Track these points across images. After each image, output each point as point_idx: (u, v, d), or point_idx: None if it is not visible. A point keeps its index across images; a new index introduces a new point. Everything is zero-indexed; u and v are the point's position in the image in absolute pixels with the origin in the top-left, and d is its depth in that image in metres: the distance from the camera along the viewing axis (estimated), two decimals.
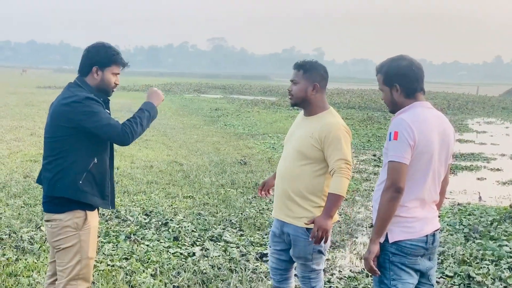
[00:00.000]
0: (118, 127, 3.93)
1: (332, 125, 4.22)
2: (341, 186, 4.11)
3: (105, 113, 3.96)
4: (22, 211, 8.21)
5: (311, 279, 4.44)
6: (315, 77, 4.34)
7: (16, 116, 22.52)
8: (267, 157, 14.57)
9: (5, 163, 12.04)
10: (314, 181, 4.25)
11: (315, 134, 4.21)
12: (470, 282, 6.18)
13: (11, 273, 5.88)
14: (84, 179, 3.95)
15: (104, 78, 4.11)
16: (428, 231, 3.68)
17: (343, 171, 4.12)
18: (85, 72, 4.11)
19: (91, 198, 4.00)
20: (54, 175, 3.96)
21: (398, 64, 3.73)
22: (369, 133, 21.55)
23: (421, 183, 3.63)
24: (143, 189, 10.17)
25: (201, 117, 26.29)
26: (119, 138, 3.95)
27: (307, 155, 4.24)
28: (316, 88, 4.32)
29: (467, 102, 45.18)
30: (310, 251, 4.32)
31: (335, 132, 4.17)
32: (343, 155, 4.14)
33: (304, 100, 4.36)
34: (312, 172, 4.25)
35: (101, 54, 4.09)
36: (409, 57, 3.77)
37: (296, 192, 4.29)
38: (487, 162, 15.87)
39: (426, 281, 3.82)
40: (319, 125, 4.24)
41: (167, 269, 6.23)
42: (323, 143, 4.18)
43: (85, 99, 3.89)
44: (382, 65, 3.81)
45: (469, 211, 9.36)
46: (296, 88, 4.36)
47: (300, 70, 4.37)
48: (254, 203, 9.43)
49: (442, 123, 3.72)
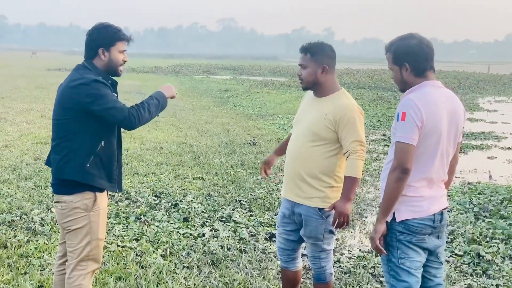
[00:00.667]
0: (124, 110, 3.92)
1: (346, 106, 4.19)
2: (357, 169, 4.10)
3: (112, 96, 3.95)
4: (33, 193, 8.26)
5: (321, 259, 4.45)
6: (323, 59, 4.28)
7: (27, 99, 22.59)
8: (276, 137, 14.57)
9: (16, 146, 12.10)
10: (327, 162, 4.24)
11: (329, 116, 4.18)
12: (480, 261, 6.18)
13: (22, 254, 5.93)
14: (92, 162, 3.95)
15: (111, 57, 4.08)
16: (435, 209, 3.68)
17: (358, 153, 4.11)
18: (91, 55, 4.09)
19: (98, 181, 4.00)
20: (62, 158, 3.97)
21: (408, 42, 3.69)
22: (379, 113, 21.48)
23: (429, 163, 3.62)
24: (153, 170, 10.20)
25: (210, 98, 26.29)
26: (125, 121, 3.94)
27: (320, 136, 4.22)
28: (326, 70, 4.27)
29: (478, 81, 44.91)
30: (321, 231, 4.32)
31: (350, 114, 4.14)
32: (358, 137, 4.12)
33: (314, 83, 4.31)
34: (324, 152, 4.23)
35: (103, 35, 4.06)
36: (419, 35, 3.73)
37: (308, 173, 4.27)
38: (498, 141, 15.81)
39: (435, 259, 3.82)
40: (333, 106, 4.21)
41: (177, 249, 6.26)
42: (337, 124, 4.15)
43: (93, 81, 3.88)
44: (391, 43, 3.78)
45: (479, 190, 9.34)
46: (305, 72, 4.31)
47: (307, 53, 4.30)
48: (263, 184, 9.44)
49: (452, 102, 3.69)
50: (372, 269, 5.96)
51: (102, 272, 5.51)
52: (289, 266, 4.63)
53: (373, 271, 5.91)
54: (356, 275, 5.77)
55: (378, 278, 5.73)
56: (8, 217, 7.07)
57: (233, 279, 5.54)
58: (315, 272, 4.51)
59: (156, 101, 4.16)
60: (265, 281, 5.53)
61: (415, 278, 3.70)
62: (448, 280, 5.68)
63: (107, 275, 5.46)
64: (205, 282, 5.47)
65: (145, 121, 4.06)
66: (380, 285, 5.54)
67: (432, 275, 3.86)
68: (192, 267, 5.84)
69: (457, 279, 5.75)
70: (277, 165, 10.90)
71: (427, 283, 3.86)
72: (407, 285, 3.68)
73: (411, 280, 3.68)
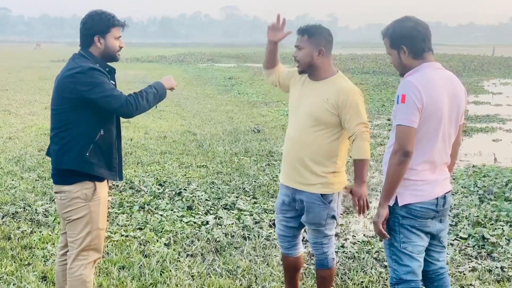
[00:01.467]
0: (121, 97, 3.90)
1: (348, 89, 4.18)
2: (366, 151, 4.12)
3: (109, 84, 3.93)
4: (37, 184, 8.27)
5: (323, 244, 4.43)
6: (320, 41, 4.25)
7: (31, 91, 22.61)
8: (280, 124, 14.54)
9: (20, 137, 12.11)
10: (329, 147, 4.22)
11: (331, 100, 4.15)
12: (484, 244, 6.16)
13: (26, 245, 5.94)
14: (91, 151, 3.94)
15: (107, 44, 4.06)
16: (438, 193, 3.66)
17: (364, 135, 4.11)
18: (87, 43, 4.07)
19: (98, 169, 3.99)
20: (60, 147, 3.96)
21: (403, 25, 3.67)
22: (383, 98, 21.40)
23: (431, 146, 3.60)
24: (157, 159, 10.20)
25: (214, 87, 26.24)
26: (122, 108, 3.92)
27: (322, 121, 4.19)
28: (322, 53, 4.24)
29: (482, 63, 44.69)
30: (324, 217, 4.31)
31: (352, 97, 4.13)
32: (362, 119, 4.12)
33: (310, 65, 4.28)
34: (327, 137, 4.21)
35: (97, 22, 4.03)
36: (414, 18, 3.71)
37: (311, 159, 4.25)
38: (503, 123, 15.74)
39: (438, 243, 3.82)
40: (334, 90, 4.18)
41: (181, 238, 6.26)
42: (340, 108, 4.13)
43: (89, 69, 3.87)
44: (387, 28, 3.75)
45: (484, 173, 9.30)
46: (301, 53, 4.28)
47: (305, 35, 4.28)
48: (267, 171, 9.42)
49: (452, 83, 3.66)
50: (376, 253, 5.95)
51: (106, 262, 5.52)
52: (290, 253, 4.61)
53: (377, 255, 5.90)
54: (360, 260, 5.76)
55: (382, 262, 5.72)
56: (12, 208, 7.08)
57: (237, 266, 5.54)
58: (318, 258, 4.50)
59: (154, 91, 4.14)
60: (269, 267, 5.53)
61: (417, 262, 3.69)
62: (452, 263, 5.66)
63: (110, 265, 5.47)
64: (209, 269, 5.48)
65: (143, 109, 4.03)
66: (384, 269, 5.53)
67: (435, 259, 3.85)
68: (196, 255, 5.84)
69: (461, 262, 5.74)
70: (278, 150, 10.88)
71: (430, 266, 3.85)
72: (409, 270, 3.67)
73: (413, 265, 3.67)
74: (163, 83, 4.28)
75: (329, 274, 4.52)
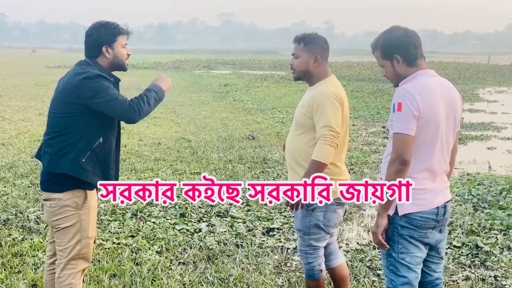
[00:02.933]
0: (125, 102, 3.87)
1: (321, 92, 4.18)
2: (322, 153, 4.03)
3: (114, 90, 3.90)
4: (29, 191, 8.22)
5: (308, 254, 4.38)
6: (316, 49, 4.31)
7: (25, 97, 22.55)
8: (275, 131, 14.52)
9: (13, 144, 12.06)
10: (309, 149, 4.20)
11: (305, 102, 4.23)
12: (478, 252, 6.14)
13: (16, 253, 5.89)
14: (87, 158, 3.89)
15: (116, 53, 4.05)
16: (439, 202, 3.62)
17: (326, 138, 4.04)
18: (95, 54, 4.04)
19: (92, 177, 3.94)
20: (57, 151, 3.91)
21: (393, 34, 3.66)
22: (378, 105, 21.42)
23: (429, 154, 3.56)
24: (151, 166, 10.16)
25: (210, 93, 26.22)
26: (126, 113, 3.87)
27: (300, 124, 4.26)
28: (318, 61, 4.30)
29: (478, 71, 44.86)
30: (306, 224, 4.28)
31: (321, 99, 4.12)
32: (327, 122, 4.07)
33: (306, 73, 4.34)
34: (307, 141, 4.23)
35: (103, 32, 4.01)
36: (402, 26, 3.71)
37: (295, 161, 4.29)
38: (498, 131, 15.74)
39: (436, 254, 3.78)
40: (311, 94, 4.25)
41: (173, 245, 6.22)
42: (311, 110, 4.16)
43: (97, 76, 3.84)
44: (377, 40, 3.74)
45: (478, 181, 9.27)
46: (297, 61, 4.35)
47: (301, 43, 4.34)
48: (261, 178, 9.40)
49: (447, 90, 3.64)
50: (370, 262, 5.91)
51: (97, 270, 5.47)
52: (327, 264, 4.61)
53: (371, 264, 5.87)
54: (354, 268, 5.72)
55: (375, 271, 5.69)
56: (4, 215, 7.03)
57: (229, 275, 5.50)
58: (305, 268, 4.48)
59: (154, 94, 4.10)
60: (262, 276, 5.49)
61: (414, 273, 3.65)
62: (446, 271, 5.63)
63: (101, 273, 5.42)
64: (200, 278, 5.44)
65: (145, 114, 3.99)
66: (377, 278, 5.50)
67: (432, 270, 3.82)
68: (188, 263, 5.80)
69: (455, 271, 5.71)
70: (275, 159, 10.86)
71: (426, 277, 3.82)
72: (406, 281, 3.63)
73: (410, 276, 3.63)
74: (160, 85, 4.23)
75: (316, 286, 4.46)
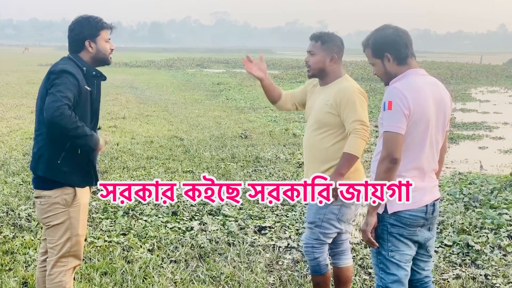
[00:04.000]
0: (60, 101, 3.64)
1: (346, 88, 4.27)
2: (355, 146, 4.14)
3: (69, 88, 3.72)
4: (20, 189, 8.19)
5: (315, 248, 4.41)
6: (333, 48, 4.41)
7: (17, 94, 22.48)
8: (268, 130, 14.52)
9: (5, 141, 12.02)
10: (333, 148, 4.30)
11: (331, 100, 4.26)
12: (469, 251, 6.16)
13: (7, 250, 5.88)
14: (63, 158, 3.86)
15: (99, 48, 4.04)
16: (427, 201, 3.64)
17: (358, 132, 4.15)
18: (77, 49, 4.03)
19: (71, 177, 3.91)
20: (36, 151, 3.92)
21: (384, 33, 3.68)
22: (371, 105, 21.38)
23: (419, 152, 3.58)
24: (143, 164, 10.15)
25: (203, 92, 26.19)
26: (49, 110, 3.64)
27: (324, 123, 4.30)
28: (334, 59, 4.39)
29: (470, 71, 44.94)
30: (320, 216, 4.33)
31: (349, 95, 4.22)
32: (358, 117, 4.17)
33: (321, 71, 4.42)
34: (331, 139, 4.30)
35: (86, 27, 4.01)
36: (393, 25, 3.73)
37: (321, 160, 4.33)
38: (490, 131, 15.81)
39: (424, 252, 3.80)
40: (334, 91, 4.30)
41: (165, 243, 6.22)
42: (339, 107, 4.22)
43: (61, 71, 3.80)
44: (368, 38, 3.76)
45: (469, 180, 9.30)
46: (313, 59, 4.41)
47: (318, 41, 4.42)
48: (254, 176, 9.40)
49: (437, 89, 3.66)
50: (361, 260, 5.92)
51: (88, 267, 5.46)
52: (333, 262, 4.64)
53: (362, 262, 5.88)
54: None
55: (366, 269, 5.70)
56: None
57: (220, 273, 5.50)
58: (310, 264, 4.50)
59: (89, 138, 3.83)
60: (253, 274, 5.49)
61: (404, 271, 3.67)
62: (436, 270, 5.65)
63: (92, 270, 5.41)
64: (192, 276, 5.44)
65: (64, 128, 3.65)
66: (368, 276, 5.51)
67: (421, 268, 3.84)
68: (180, 261, 5.80)
69: (445, 269, 5.73)
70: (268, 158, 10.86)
71: (415, 275, 3.83)
72: (396, 278, 3.65)
73: (400, 273, 3.65)
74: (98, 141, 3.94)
75: (323, 281, 4.51)
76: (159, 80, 33.43)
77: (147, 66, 51.86)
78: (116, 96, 22.28)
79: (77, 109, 3.83)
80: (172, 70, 47.19)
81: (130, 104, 20.15)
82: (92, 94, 4.00)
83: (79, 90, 3.84)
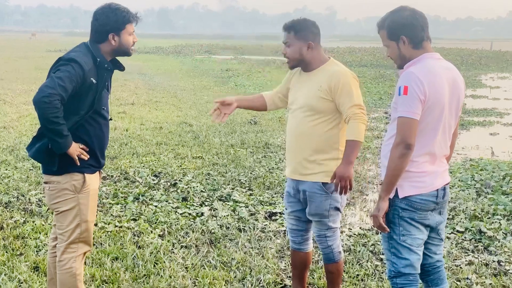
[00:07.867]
0: (54, 89, 3.61)
1: (339, 73, 4.15)
2: (358, 132, 4.06)
3: (70, 78, 3.68)
4: (31, 174, 8.19)
5: (328, 237, 4.38)
6: (307, 35, 4.24)
7: (26, 80, 22.50)
8: (277, 116, 14.47)
9: (14, 127, 12.03)
10: (328, 135, 4.19)
11: (324, 86, 4.14)
12: (481, 237, 6.12)
13: (18, 235, 5.88)
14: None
15: (122, 41, 3.94)
16: (438, 185, 3.60)
17: (358, 116, 4.06)
18: (100, 40, 3.92)
19: (70, 163, 3.85)
20: (37, 136, 3.90)
21: (401, 14, 3.60)
22: (381, 91, 21.37)
23: (432, 137, 3.54)
24: (152, 150, 10.13)
25: (211, 78, 26.14)
26: (40, 93, 3.63)
27: (318, 109, 4.17)
28: (311, 46, 4.24)
29: (480, 57, 44.70)
30: (326, 207, 4.27)
31: (344, 79, 4.11)
32: (355, 101, 4.08)
33: (301, 61, 4.29)
34: (325, 125, 4.19)
35: (112, 19, 3.89)
36: (410, 7, 3.65)
37: (312, 148, 4.21)
38: (500, 117, 15.72)
39: (436, 236, 3.77)
40: (326, 76, 4.17)
41: (175, 229, 6.20)
42: (333, 92, 4.11)
43: (69, 59, 3.73)
44: (383, 19, 3.69)
45: (481, 167, 9.25)
46: (290, 50, 4.27)
47: (291, 31, 4.26)
48: (263, 162, 9.37)
49: (452, 74, 3.61)
50: (372, 246, 5.90)
51: (99, 252, 5.46)
52: (301, 248, 4.57)
53: (373, 248, 5.85)
54: (356, 252, 5.71)
55: (378, 255, 5.67)
56: (5, 198, 7.01)
57: (231, 258, 5.48)
58: (324, 252, 4.45)
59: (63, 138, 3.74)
60: (264, 260, 5.47)
61: (416, 255, 3.64)
62: (449, 256, 5.61)
63: (103, 255, 5.40)
64: (203, 261, 5.42)
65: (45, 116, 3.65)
66: (380, 262, 5.48)
67: (433, 252, 3.81)
68: (190, 246, 5.78)
69: (458, 256, 5.69)
70: (278, 144, 10.83)
71: (427, 260, 3.80)
72: (408, 263, 3.62)
73: (412, 258, 3.62)
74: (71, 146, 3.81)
75: (336, 268, 4.48)
76: (168, 66, 33.39)
77: (155, 52, 51.79)
78: (125, 82, 22.26)
79: (74, 98, 3.76)
80: (181, 56, 47.12)
81: (139, 90, 20.12)
82: (98, 86, 3.88)
83: (83, 80, 3.76)
